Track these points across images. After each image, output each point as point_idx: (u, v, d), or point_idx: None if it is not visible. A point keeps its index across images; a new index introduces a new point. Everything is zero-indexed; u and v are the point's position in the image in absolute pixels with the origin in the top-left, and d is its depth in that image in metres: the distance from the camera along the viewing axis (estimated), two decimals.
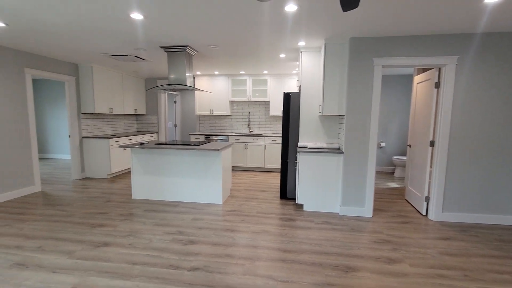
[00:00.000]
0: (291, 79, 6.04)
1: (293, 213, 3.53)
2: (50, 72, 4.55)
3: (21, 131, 4.10)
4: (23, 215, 3.35)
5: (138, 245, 2.60)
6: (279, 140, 5.93)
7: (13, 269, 2.18)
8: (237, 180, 5.29)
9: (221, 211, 3.55)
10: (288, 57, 4.38)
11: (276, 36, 3.27)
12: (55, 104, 7.49)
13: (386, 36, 3.14)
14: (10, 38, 3.45)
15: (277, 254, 2.47)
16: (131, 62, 4.86)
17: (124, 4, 2.37)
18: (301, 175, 3.57)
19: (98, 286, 1.97)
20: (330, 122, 3.84)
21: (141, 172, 3.99)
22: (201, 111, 6.53)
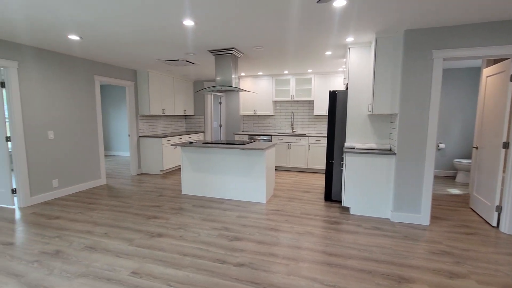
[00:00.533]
0: (337, 77, 5.82)
1: (339, 216, 3.40)
2: (115, 78, 5.11)
3: (91, 131, 4.67)
4: (92, 204, 3.82)
5: (188, 238, 2.77)
6: (323, 141, 5.76)
7: (85, 251, 2.50)
8: (280, 180, 5.28)
9: (264, 210, 3.58)
10: (334, 54, 4.23)
11: (323, 34, 3.18)
12: (117, 106, 8.37)
13: (447, 25, 2.83)
14: (82, 50, 3.96)
15: (322, 257, 2.41)
16: (182, 66, 5.19)
17: (179, 12, 2.54)
18: (348, 176, 3.42)
19: (154, 273, 2.15)
20: (381, 121, 3.60)
21: (190, 170, 4.23)
22: (245, 111, 6.67)
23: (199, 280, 2.05)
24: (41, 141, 3.88)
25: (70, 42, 3.52)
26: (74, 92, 4.34)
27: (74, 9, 2.46)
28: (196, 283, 2.02)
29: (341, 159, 3.85)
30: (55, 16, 2.61)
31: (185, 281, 2.05)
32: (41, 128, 3.87)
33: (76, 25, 2.89)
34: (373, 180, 3.31)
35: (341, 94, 3.80)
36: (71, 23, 2.81)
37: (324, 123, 6.35)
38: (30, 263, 2.29)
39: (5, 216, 3.37)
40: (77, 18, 2.67)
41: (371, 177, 3.31)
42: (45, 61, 3.88)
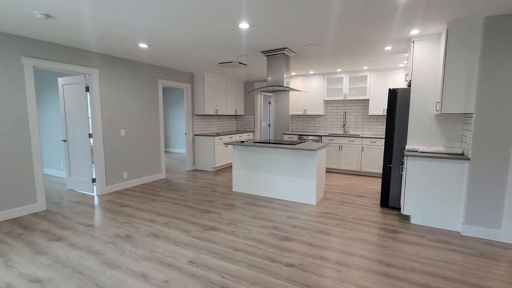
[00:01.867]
0: (396, 73, 5.37)
1: (397, 224, 3.14)
2: (175, 81, 5.56)
3: (154, 130, 5.17)
4: (154, 196, 4.21)
5: (239, 234, 2.86)
6: (379, 142, 5.38)
7: (149, 238, 2.78)
8: (331, 182, 5.10)
9: (314, 212, 3.50)
10: (395, 49, 3.91)
11: (383, 28, 2.97)
12: (174, 107, 9.08)
13: None
14: (149, 56, 4.39)
15: (378, 266, 2.25)
16: (235, 68, 5.38)
17: (236, 17, 2.64)
18: (409, 182, 3.13)
19: (209, 264, 2.28)
20: (451, 122, 3.20)
21: (241, 168, 4.37)
22: (295, 111, 6.61)
23: (250, 276, 2.11)
24: (115, 138, 4.43)
25: (139, 50, 3.94)
26: (141, 95, 4.85)
27: (144, 21, 2.75)
28: (248, 278, 2.08)
29: (401, 163, 3.54)
30: (129, 29, 2.96)
31: (238, 275, 2.12)
32: (115, 126, 4.42)
33: (145, 35, 3.22)
34: (440, 187, 2.97)
35: (402, 92, 3.50)
36: (141, 33, 3.15)
37: (380, 123, 5.91)
38: (106, 244, 2.64)
39: (87, 201, 3.93)
40: (146, 28, 2.98)
41: (438, 184, 2.98)
42: (119, 67, 4.42)
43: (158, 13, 2.56)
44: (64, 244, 2.63)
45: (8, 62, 3.16)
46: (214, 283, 2.02)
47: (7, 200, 3.24)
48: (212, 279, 2.07)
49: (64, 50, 3.67)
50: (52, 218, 3.28)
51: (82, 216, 3.37)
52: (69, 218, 3.30)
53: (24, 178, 3.37)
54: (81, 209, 3.60)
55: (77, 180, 4.44)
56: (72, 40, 3.46)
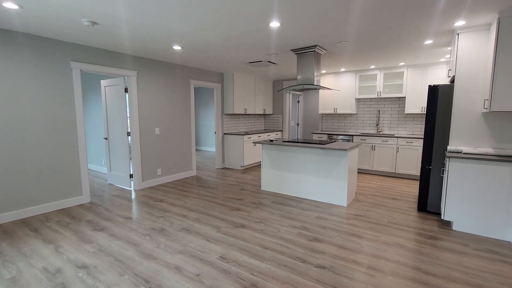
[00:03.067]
0: (437, 69, 5.00)
1: (437, 230, 2.93)
2: (205, 81, 5.71)
3: (186, 129, 5.36)
4: (186, 192, 4.38)
5: (268, 232, 2.87)
6: (416, 142, 5.06)
7: (182, 232, 2.89)
8: (362, 183, 4.91)
9: (345, 214, 3.40)
10: (436, 43, 3.65)
11: (424, 20, 2.79)
12: (204, 106, 9.33)
13: None
14: (182, 57, 4.56)
15: (416, 274, 2.12)
16: (264, 67, 5.40)
17: (267, 15, 2.64)
18: (452, 186, 2.91)
19: (239, 261, 2.32)
20: (502, 120, 2.91)
21: (270, 167, 4.37)
22: (325, 110, 6.45)
23: (280, 275, 2.11)
24: (150, 136, 4.68)
25: (173, 51, 4.10)
26: (174, 95, 5.06)
27: (179, 23, 2.86)
28: (278, 277, 2.08)
29: (442, 165, 3.30)
30: (164, 31, 3.09)
31: (267, 273, 2.13)
32: (151, 125, 4.66)
33: (179, 37, 3.35)
34: (488, 192, 2.72)
35: (444, 89, 3.25)
36: (176, 35, 3.28)
37: (418, 122, 5.56)
38: (143, 236, 2.80)
39: (125, 195, 4.20)
40: (181, 30, 3.09)
41: (485, 188, 2.73)
42: (154, 69, 4.65)
43: (192, 15, 2.64)
44: (106, 234, 2.84)
45: (58, 67, 3.47)
46: (244, 280, 2.04)
47: (57, 192, 3.57)
48: (242, 275, 2.10)
49: (106, 54, 3.95)
50: (95, 210, 3.55)
51: (121, 209, 3.60)
52: (110, 210, 3.55)
53: (71, 173, 3.69)
54: (120, 203, 3.85)
55: (116, 175, 4.76)
56: (113, 45, 3.71)
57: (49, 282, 2.03)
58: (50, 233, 2.87)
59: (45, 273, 2.14)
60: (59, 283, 2.02)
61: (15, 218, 3.21)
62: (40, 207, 3.41)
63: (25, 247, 2.57)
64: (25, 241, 2.69)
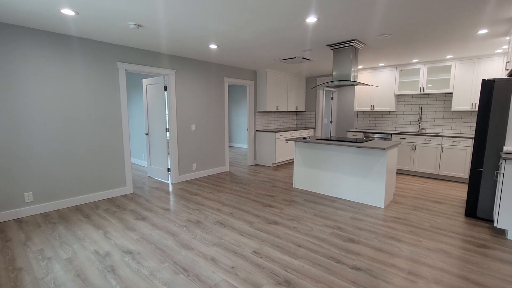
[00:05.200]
0: (491, 61, 4.53)
1: (489, 238, 2.68)
2: (239, 79, 5.80)
3: (220, 125, 5.50)
4: (219, 187, 4.51)
5: (301, 230, 2.85)
6: (464, 142, 4.65)
7: (216, 225, 2.99)
8: (401, 185, 4.64)
9: (382, 216, 3.25)
10: (491, 32, 3.30)
11: (476, 7, 2.54)
12: (236, 103, 9.48)
13: None
14: (217, 56, 4.68)
15: (464, 284, 1.97)
16: (298, 63, 5.32)
17: (304, 10, 2.60)
18: (508, 190, 2.63)
19: (272, 256, 2.34)
20: None
21: (302, 164, 4.32)
22: (361, 107, 6.19)
23: (314, 274, 2.09)
24: (187, 132, 4.88)
25: (209, 50, 4.23)
26: (209, 92, 5.21)
27: (216, 23, 2.93)
28: (312, 276, 2.06)
29: (496, 167, 3.00)
30: (202, 31, 3.20)
31: (301, 270, 2.13)
32: (187, 122, 4.87)
33: (215, 36, 3.44)
34: None
35: (501, 83, 2.94)
36: (213, 35, 3.37)
37: (466, 120, 5.09)
38: (180, 227, 2.95)
39: (163, 188, 4.45)
40: (218, 30, 3.17)
41: None
42: (191, 68, 4.83)
43: (229, 14, 2.69)
44: (147, 223, 3.04)
45: (106, 67, 3.76)
46: (278, 276, 2.06)
47: (105, 183, 3.90)
48: (275, 271, 2.12)
49: (148, 54, 4.19)
50: (137, 200, 3.82)
51: (160, 200, 3.82)
52: (150, 201, 3.79)
53: (117, 165, 3.99)
54: (159, 195, 4.09)
55: (156, 169, 5.06)
56: (154, 46, 3.92)
57: (100, 264, 2.23)
58: (99, 219, 3.14)
59: (96, 256, 2.36)
60: (109, 265, 2.22)
61: (70, 205, 3.57)
62: (91, 196, 3.75)
63: (79, 231, 2.85)
64: (79, 225, 2.98)
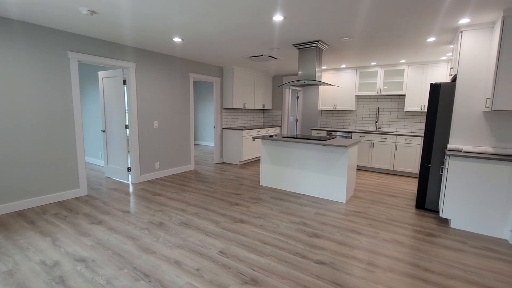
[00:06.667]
0: (437, 67, 5.00)
1: (435, 228, 2.95)
2: (205, 75, 5.65)
3: (184, 122, 5.31)
4: (184, 186, 4.35)
5: (268, 228, 2.87)
6: (415, 140, 5.08)
7: (181, 227, 2.87)
8: (361, 180, 4.92)
9: (344, 210, 3.41)
10: (438, 40, 3.63)
11: (428, 17, 2.76)
12: (203, 100, 9.26)
13: None
14: (181, 50, 4.49)
15: (415, 270, 2.14)
16: (265, 61, 5.34)
17: (271, 8, 2.59)
18: (450, 184, 2.92)
19: (239, 255, 2.31)
20: (503, 120, 2.92)
21: (269, 162, 4.36)
22: (324, 106, 6.43)
23: (280, 270, 2.10)
24: (149, 129, 4.63)
25: (173, 44, 4.04)
26: (173, 88, 4.99)
27: (179, 14, 2.80)
28: (278, 272, 2.07)
29: (442, 163, 3.31)
30: (165, 22, 3.03)
31: (268, 268, 2.13)
32: (150, 118, 4.61)
33: (179, 28, 3.29)
34: (486, 190, 2.74)
35: (446, 87, 3.25)
36: (176, 27, 3.21)
37: (417, 120, 5.57)
38: (142, 230, 2.78)
39: (123, 189, 4.16)
40: (181, 22, 3.03)
41: (484, 187, 2.75)
42: (153, 62, 4.57)
43: (193, 6, 2.59)
44: (104, 227, 2.81)
45: (56, 57, 3.39)
46: (245, 275, 2.04)
47: (54, 184, 3.52)
48: (242, 270, 2.10)
49: (105, 45, 3.87)
50: (93, 203, 3.52)
51: (119, 202, 3.57)
52: (107, 203, 3.52)
53: (68, 165, 3.64)
54: (118, 196, 3.82)
55: (114, 169, 4.71)
56: (112, 35, 3.63)
57: (47, 275, 2.00)
58: (47, 225, 2.83)
59: (43, 266, 2.12)
60: (57, 276, 2.00)
61: (10, 210, 3.17)
62: (37, 199, 3.37)
63: (21, 239, 2.53)
64: (22, 233, 2.65)
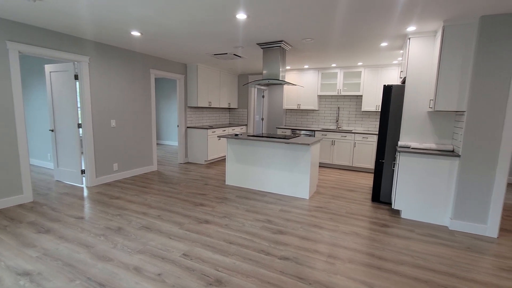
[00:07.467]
0: (390, 70, 5.41)
1: (388, 218, 3.20)
2: (167, 72, 5.43)
3: (146, 121, 5.06)
4: (146, 188, 4.15)
5: (233, 227, 2.86)
6: (371, 138, 5.44)
7: (141, 231, 2.73)
8: (323, 177, 5.14)
9: (307, 206, 3.53)
10: (390, 45, 3.93)
11: (381, 23, 2.97)
12: (166, 98, 8.91)
13: None
14: (141, 45, 4.26)
15: (371, 259, 2.29)
16: (229, 60, 5.30)
17: (233, 6, 2.57)
18: (401, 178, 3.18)
19: (203, 257, 2.27)
20: (443, 119, 3.26)
21: (234, 161, 4.34)
22: (289, 106, 6.59)
23: (245, 269, 2.11)
24: (105, 128, 4.32)
25: (132, 38, 3.81)
26: (133, 85, 4.72)
27: (137, 7, 2.64)
28: (242, 271, 2.08)
29: (393, 159, 3.59)
30: (121, 14, 2.84)
31: (232, 268, 2.12)
32: (106, 116, 4.30)
33: (138, 22, 3.11)
34: (430, 183, 3.04)
35: (397, 89, 3.53)
36: (134, 20, 3.04)
37: (373, 119, 5.98)
38: (97, 236, 2.58)
39: (76, 193, 3.84)
40: (139, 15, 2.87)
41: (428, 180, 3.04)
42: (110, 56, 4.27)
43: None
44: (53, 236, 2.56)
45: None
46: (209, 276, 2.01)
47: None
48: (206, 272, 2.06)
49: (52, 35, 3.51)
50: (39, 210, 3.18)
51: (71, 208, 3.28)
52: (57, 210, 3.21)
53: (9, 168, 3.24)
54: (70, 201, 3.51)
55: (66, 171, 4.32)
56: (61, 25, 3.31)
57: None
58: None
59: None
60: None
61: None
62: None
63: None
64: None
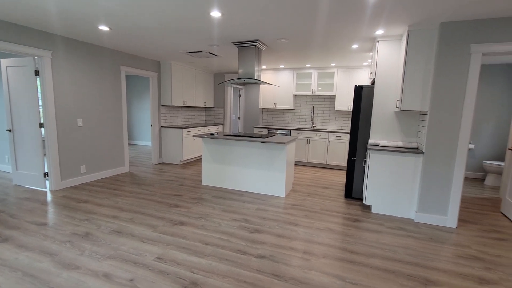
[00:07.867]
0: (361, 71, 5.64)
1: (360, 214, 3.34)
2: (139, 69, 5.22)
3: (116, 120, 4.83)
4: (117, 190, 3.96)
5: (209, 227, 2.82)
6: (344, 137, 5.64)
7: (112, 235, 2.61)
8: (299, 175, 5.24)
9: (283, 204, 3.58)
10: (361, 47, 4.09)
11: (352, 26, 3.08)
12: (139, 97, 8.57)
13: (490, 18, 2.64)
14: (110, 40, 4.06)
15: (344, 254, 2.38)
16: (204, 58, 5.21)
17: (206, 3, 2.53)
18: (371, 174, 3.33)
19: (178, 259, 2.21)
20: (409, 118, 3.46)
21: (211, 161, 4.29)
22: (265, 105, 6.64)
23: (221, 269, 2.09)
24: (71, 128, 4.06)
25: (99, 32, 3.61)
26: (102, 82, 4.48)
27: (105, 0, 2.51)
28: (219, 272, 2.06)
29: (364, 156, 3.75)
30: (87, 7, 2.68)
31: (208, 269, 2.09)
32: (71, 116, 4.04)
33: (106, 16, 2.96)
34: (397, 179, 3.21)
35: (367, 89, 3.69)
36: (102, 13, 2.88)
37: (345, 119, 6.20)
38: (62, 243, 2.42)
39: (38, 198, 3.57)
40: (107, 8, 2.73)
41: (396, 176, 3.21)
42: (76, 51, 4.02)
43: None
44: (11, 245, 2.36)
45: None
46: (184, 279, 1.96)
47: None
48: (181, 274, 2.01)
49: (7, 27, 3.23)
50: None
51: (33, 214, 3.05)
52: (16, 216, 2.96)
53: None
54: (31, 207, 3.25)
55: (26, 175, 4.00)
56: (19, 17, 3.05)
57: None
58: None
59: None
60: None
61: None
62: None
63: None
64: None
